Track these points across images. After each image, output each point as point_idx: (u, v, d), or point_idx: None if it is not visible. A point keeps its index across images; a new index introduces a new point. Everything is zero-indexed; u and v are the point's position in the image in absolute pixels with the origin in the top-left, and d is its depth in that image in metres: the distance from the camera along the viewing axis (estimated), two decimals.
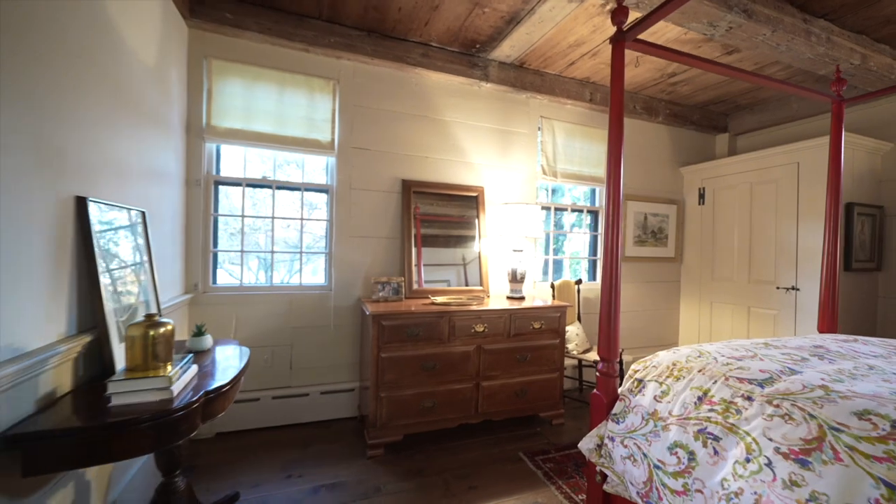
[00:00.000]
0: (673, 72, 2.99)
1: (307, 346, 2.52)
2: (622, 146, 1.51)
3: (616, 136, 1.50)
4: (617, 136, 1.50)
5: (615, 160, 1.51)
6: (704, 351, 1.45)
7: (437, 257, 2.78)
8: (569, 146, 3.30)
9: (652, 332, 3.73)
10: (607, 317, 1.48)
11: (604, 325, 1.49)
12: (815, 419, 0.97)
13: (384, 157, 2.69)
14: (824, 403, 1.01)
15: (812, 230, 2.86)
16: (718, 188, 3.55)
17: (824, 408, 0.99)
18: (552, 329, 2.56)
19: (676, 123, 3.72)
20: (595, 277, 3.56)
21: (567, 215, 3.45)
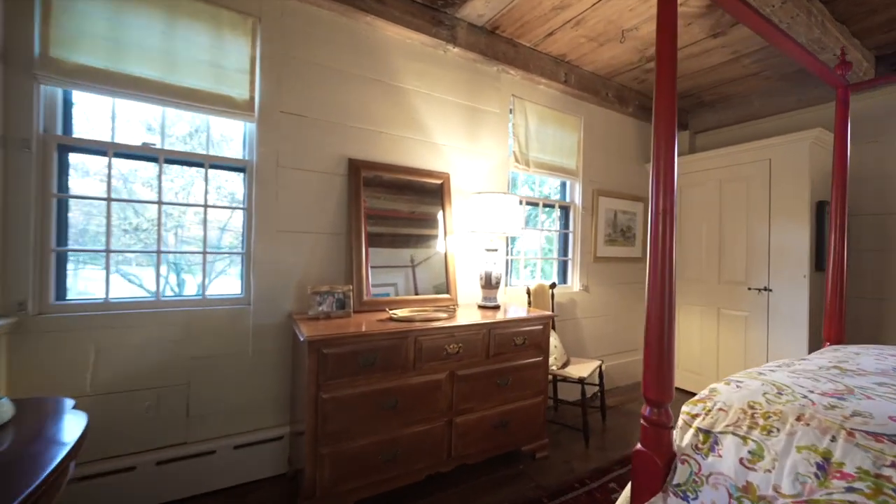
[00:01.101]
0: (652, 56, 2.73)
1: (213, 382, 1.81)
2: (674, 120, 1.10)
3: (666, 105, 1.08)
4: (668, 105, 1.08)
5: (666, 138, 1.09)
6: (780, 384, 1.07)
7: (394, 259, 2.21)
8: (542, 132, 2.92)
9: (622, 336, 3.50)
10: (659, 348, 1.04)
11: (653, 358, 1.06)
12: None
13: (325, 128, 2.06)
14: None
15: (784, 229, 2.77)
16: (686, 186, 3.41)
17: None
18: (536, 344, 2.12)
19: (644, 117, 3.53)
20: (566, 280, 3.22)
21: (533, 210, 3.07)
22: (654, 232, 1.07)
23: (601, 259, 3.30)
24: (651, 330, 1.06)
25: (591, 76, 3.03)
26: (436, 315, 1.92)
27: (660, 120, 1.09)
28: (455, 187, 2.47)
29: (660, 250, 1.05)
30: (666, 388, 1.04)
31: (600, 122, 3.30)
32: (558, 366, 2.53)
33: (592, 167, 3.24)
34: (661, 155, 1.07)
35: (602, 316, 3.33)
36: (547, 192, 3.29)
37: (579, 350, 3.17)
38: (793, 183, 2.74)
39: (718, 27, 2.38)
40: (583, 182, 3.18)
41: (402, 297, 2.17)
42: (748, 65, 2.84)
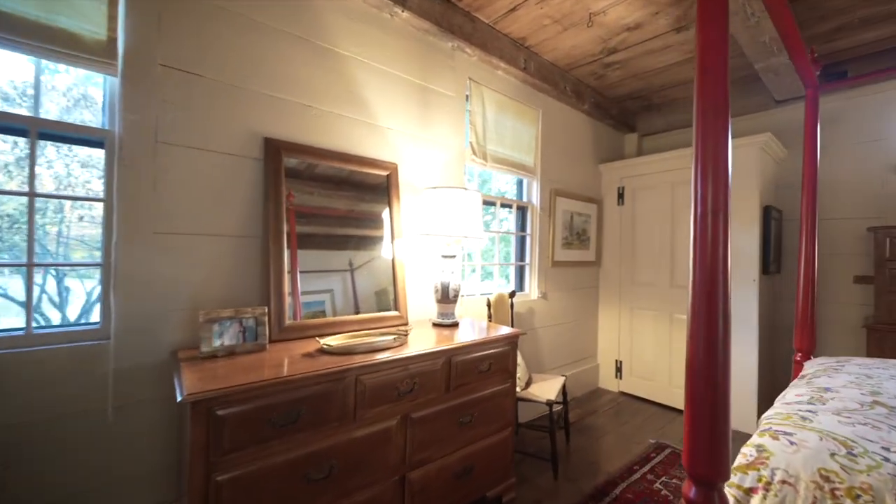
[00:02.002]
0: (615, 47, 2.56)
1: (47, 461, 1.20)
2: (726, 94, 0.81)
3: (717, 76, 0.79)
4: (719, 75, 0.79)
5: (716, 113, 0.80)
6: (843, 437, 0.83)
7: (329, 262, 1.74)
8: (500, 124, 2.61)
9: (578, 345, 3.34)
10: (711, 401, 0.75)
11: (702, 417, 0.76)
12: None
13: (231, 94, 1.53)
14: None
15: (734, 233, 2.77)
16: (638, 188, 3.34)
17: None
18: (503, 369, 1.79)
19: (597, 116, 3.41)
20: (523, 286, 2.97)
21: (486, 210, 2.77)
22: (701, 239, 0.77)
23: (559, 264, 3.09)
24: (698, 377, 0.76)
25: (551, 66, 2.80)
26: (383, 342, 1.49)
27: (707, 95, 0.80)
28: (404, 181, 2.06)
29: (709, 264, 0.75)
30: (721, 460, 0.74)
31: (558, 117, 3.09)
32: (522, 386, 2.23)
33: (550, 165, 3.02)
34: (710, 135, 0.78)
35: (559, 324, 3.13)
36: (503, 189, 3.01)
37: (538, 364, 2.93)
38: (742, 187, 2.75)
39: (684, 20, 2.25)
40: (541, 181, 2.94)
41: (339, 317, 1.70)
42: None
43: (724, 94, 0.77)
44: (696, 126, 0.80)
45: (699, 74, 0.81)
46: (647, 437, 2.58)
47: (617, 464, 2.23)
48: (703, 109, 0.79)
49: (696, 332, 0.76)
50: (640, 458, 2.29)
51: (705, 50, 0.80)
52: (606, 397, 3.31)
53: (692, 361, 0.77)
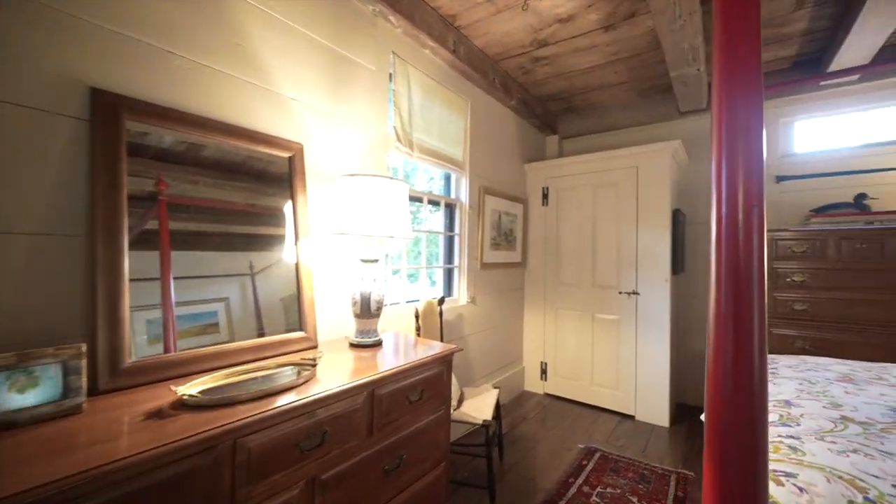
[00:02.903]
0: (545, 40, 2.46)
1: None
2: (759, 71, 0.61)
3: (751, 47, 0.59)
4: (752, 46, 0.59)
5: (747, 91, 0.59)
6: (848, 476, 0.71)
7: (217, 269, 1.27)
8: (427, 110, 2.33)
9: (503, 351, 3.22)
10: (750, 448, 0.54)
11: (734, 472, 0.55)
12: None
13: (35, 15, 0.99)
14: None
15: (650, 235, 2.88)
16: (562, 188, 3.35)
17: None
18: (437, 394, 1.51)
19: (524, 114, 3.34)
20: (452, 291, 2.73)
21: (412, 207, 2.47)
22: (730, 244, 0.56)
23: (488, 265, 2.92)
24: (730, 417, 0.55)
25: (481, 54, 2.61)
26: (280, 381, 1.10)
27: (738, 72, 0.59)
28: (314, 166, 1.65)
29: (744, 274, 0.55)
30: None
31: (486, 110, 2.92)
32: (455, 406, 1.98)
33: (479, 161, 2.84)
34: (741, 115, 0.57)
35: (488, 329, 2.97)
36: (428, 186, 2.73)
37: (468, 374, 2.72)
38: (656, 191, 2.87)
39: (613, 18, 2.22)
40: (470, 177, 2.73)
41: (219, 346, 1.24)
42: (620, 71, 2.87)
43: (757, 65, 0.57)
44: (719, 105, 0.59)
45: (724, 40, 0.60)
46: (576, 441, 2.53)
47: (553, 476, 2.11)
48: (731, 85, 0.58)
49: (724, 365, 0.55)
50: (573, 467, 2.20)
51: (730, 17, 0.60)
52: (533, 400, 3.25)
53: (717, 398, 0.56)
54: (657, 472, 2.17)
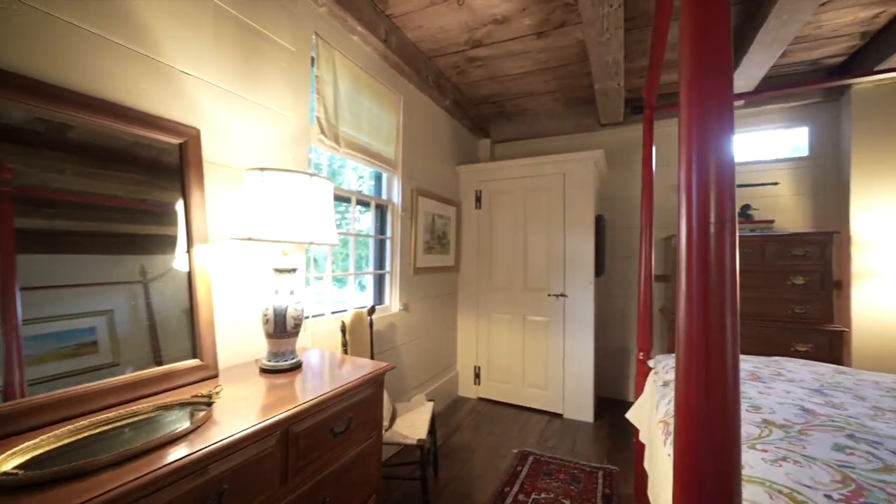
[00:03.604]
0: (480, 40, 2.41)
1: None
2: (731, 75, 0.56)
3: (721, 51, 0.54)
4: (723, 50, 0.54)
5: (721, 108, 0.54)
6: (786, 489, 0.71)
7: (96, 276, 0.96)
8: (356, 102, 2.13)
9: (436, 358, 3.12)
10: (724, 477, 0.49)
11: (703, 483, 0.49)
12: None
13: None
14: None
15: (576, 239, 3.00)
16: (495, 192, 3.36)
17: None
18: (367, 421, 1.34)
19: (457, 115, 3.29)
20: (383, 299, 2.55)
21: (338, 207, 2.26)
22: (702, 257, 0.50)
23: (421, 270, 2.80)
24: (699, 448, 0.49)
25: (414, 49, 2.48)
26: (159, 434, 0.85)
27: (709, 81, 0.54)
28: (214, 157, 1.37)
29: (716, 289, 0.49)
30: None
31: (420, 108, 2.80)
32: (386, 427, 1.82)
33: (412, 161, 2.70)
34: (713, 135, 0.52)
35: (421, 337, 2.84)
36: (356, 186, 2.53)
37: (400, 387, 2.57)
38: (581, 197, 3.00)
39: (546, 25, 2.24)
40: (402, 177, 2.59)
41: (75, 389, 0.94)
42: (549, 80, 2.94)
43: (729, 81, 0.52)
44: (686, 116, 0.53)
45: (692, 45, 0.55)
46: (510, 445, 2.52)
47: (489, 488, 2.05)
48: (701, 96, 0.52)
49: (696, 374, 0.49)
50: (508, 474, 2.17)
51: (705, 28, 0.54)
52: (467, 406, 3.20)
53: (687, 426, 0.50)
54: (586, 471, 2.23)
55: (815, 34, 2.31)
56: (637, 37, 2.37)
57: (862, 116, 2.60)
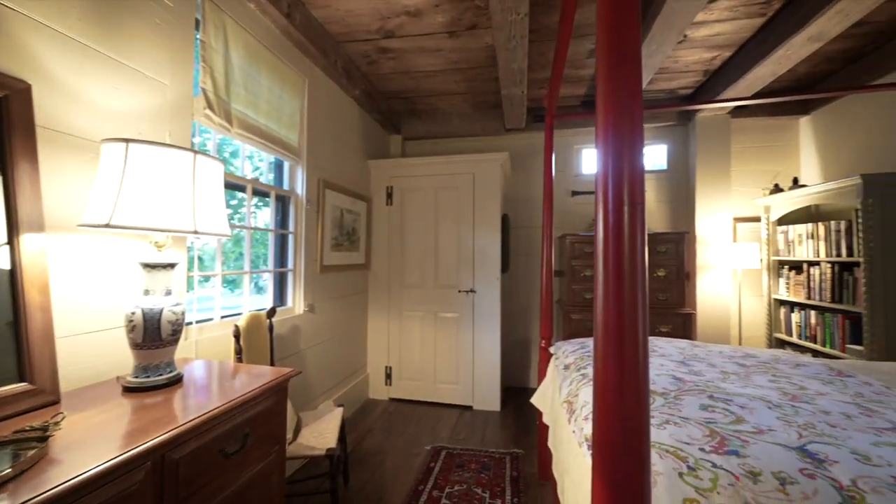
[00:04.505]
0: (392, 31, 2.35)
1: None
2: (639, 64, 0.60)
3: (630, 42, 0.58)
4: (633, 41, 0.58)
5: (630, 91, 0.58)
6: (671, 447, 0.81)
7: None
8: (253, 80, 1.89)
9: (345, 361, 2.96)
10: (636, 462, 0.53)
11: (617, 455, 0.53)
12: None
13: None
14: None
15: (484, 237, 3.13)
16: (406, 189, 3.32)
17: None
18: (267, 435, 1.18)
19: (367, 107, 3.17)
20: (284, 300, 2.32)
21: (231, 196, 2.00)
22: (616, 235, 0.53)
23: (329, 268, 2.62)
24: (612, 407, 0.52)
25: (321, 30, 2.30)
26: None
27: (619, 66, 0.57)
28: (54, 123, 1.07)
29: (628, 265, 0.53)
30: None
31: (328, 95, 2.62)
32: (290, 439, 1.64)
33: (319, 150, 2.52)
34: (626, 118, 0.56)
35: (329, 339, 2.66)
36: (255, 174, 2.26)
37: (306, 395, 2.36)
38: (489, 197, 3.14)
39: (458, 25, 2.28)
40: (307, 167, 2.39)
41: None
42: (460, 81, 3.02)
43: (637, 73, 0.56)
44: (603, 105, 0.56)
45: (605, 52, 0.57)
46: (423, 443, 2.51)
47: (402, 488, 2.00)
48: (616, 88, 0.56)
49: (610, 354, 0.52)
50: (421, 472, 2.15)
51: (613, 30, 0.57)
52: (378, 408, 3.10)
53: (604, 415, 0.52)
54: (495, 458, 2.33)
55: (673, 67, 2.77)
56: (540, 49, 2.56)
57: (703, 139, 3.22)
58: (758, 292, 3.21)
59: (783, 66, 2.37)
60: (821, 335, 2.55)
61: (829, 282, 2.46)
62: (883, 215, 2.12)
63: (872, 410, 1.02)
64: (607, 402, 0.53)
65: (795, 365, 1.43)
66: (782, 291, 2.93)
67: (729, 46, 2.48)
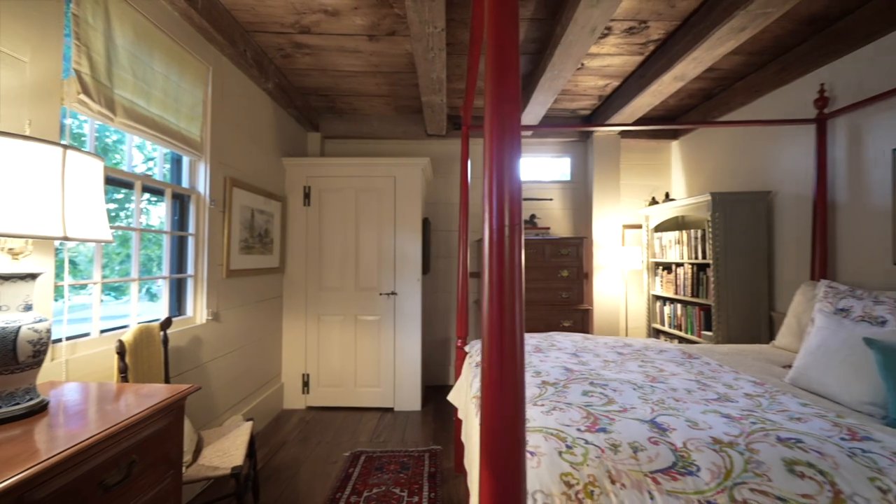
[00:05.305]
0: (308, 27, 2.28)
1: None
2: (518, 94, 0.69)
3: (510, 76, 0.67)
4: (511, 77, 0.67)
5: (510, 120, 0.67)
6: (555, 430, 0.94)
7: None
8: (143, 64, 1.69)
9: (257, 371, 2.78)
10: (512, 425, 0.62)
11: (502, 450, 0.62)
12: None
13: None
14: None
15: (405, 239, 3.18)
16: (325, 189, 3.22)
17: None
18: (160, 459, 1.09)
19: (282, 102, 3.01)
20: (183, 309, 2.11)
21: (113, 193, 1.77)
22: (499, 253, 0.62)
23: (237, 273, 2.44)
24: (495, 403, 0.60)
25: (229, 16, 2.14)
26: None
27: (500, 92, 0.66)
28: None
29: (508, 278, 0.62)
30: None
31: (236, 87, 2.43)
32: (189, 461, 1.51)
33: (226, 146, 2.33)
34: (505, 143, 0.64)
35: (237, 350, 2.48)
36: (146, 167, 2.01)
37: (209, 411, 2.17)
38: (410, 200, 3.19)
39: (377, 30, 2.29)
40: (211, 163, 2.20)
41: None
42: (381, 84, 3.02)
43: (517, 111, 0.65)
44: (489, 140, 0.64)
45: (492, 89, 0.66)
46: (342, 449, 2.47)
47: (319, 498, 1.96)
48: (500, 124, 0.64)
49: (494, 352, 0.61)
50: (339, 479, 2.12)
51: (497, 75, 0.65)
52: (294, 419, 2.96)
53: (490, 422, 0.60)
54: (414, 456, 2.38)
55: (574, 90, 3.11)
56: (456, 61, 2.68)
57: (598, 155, 3.65)
58: (641, 289, 3.74)
59: (657, 98, 2.81)
60: (685, 324, 3.08)
61: (690, 280, 2.98)
62: (725, 226, 2.63)
63: (707, 385, 1.28)
64: (490, 394, 0.61)
65: (659, 351, 1.73)
66: (658, 288, 3.46)
67: (617, 77, 2.87)
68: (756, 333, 2.61)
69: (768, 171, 2.72)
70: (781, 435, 0.93)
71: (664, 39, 2.36)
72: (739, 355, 1.87)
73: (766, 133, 2.75)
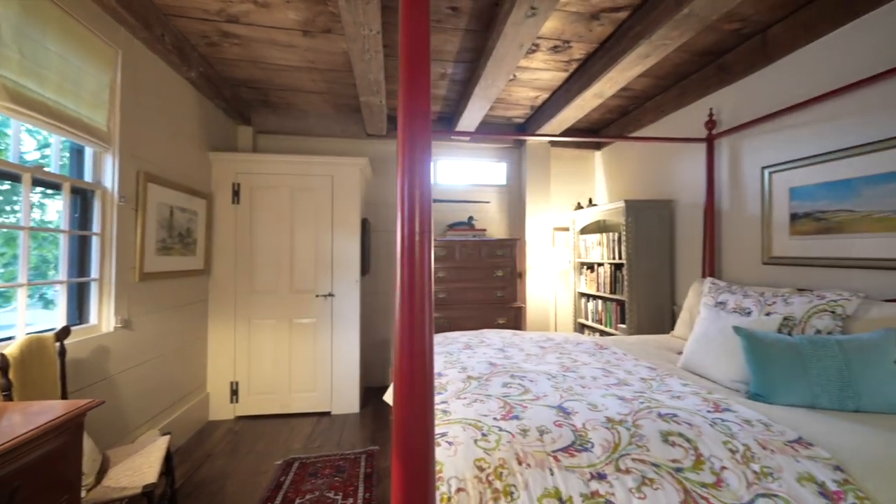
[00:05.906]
0: (236, 16, 2.16)
1: None
2: (428, 112, 0.74)
3: (420, 90, 0.72)
4: (422, 90, 0.72)
5: (421, 135, 0.73)
6: (473, 420, 1.01)
7: None
8: (35, 43, 1.50)
9: (177, 381, 2.59)
10: (421, 424, 0.68)
11: (414, 445, 0.67)
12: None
13: None
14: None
15: (343, 240, 3.13)
16: (257, 187, 3.07)
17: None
18: (54, 484, 1.00)
19: (208, 92, 2.81)
20: (85, 316, 1.90)
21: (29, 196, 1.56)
22: (409, 258, 0.67)
23: (152, 276, 2.25)
24: (407, 399, 0.66)
25: None
26: None
27: (412, 108, 0.71)
28: None
29: (418, 282, 0.67)
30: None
31: (151, 72, 2.24)
32: (92, 483, 1.38)
33: (139, 137, 2.14)
34: (416, 154, 0.70)
35: (152, 359, 2.28)
36: (33, 156, 1.79)
37: (119, 427, 1.98)
38: (348, 200, 3.16)
39: (312, 26, 2.24)
40: (121, 156, 2.01)
41: None
42: (317, 81, 2.95)
43: (427, 126, 0.70)
44: (401, 152, 0.69)
45: (404, 105, 0.70)
46: (273, 458, 2.38)
47: None
48: (411, 138, 0.69)
49: (405, 347, 0.66)
50: (269, 489, 2.05)
51: (409, 90, 0.70)
52: (221, 430, 2.79)
53: (403, 427, 0.65)
54: (350, 459, 2.37)
55: (508, 99, 3.28)
56: (394, 63, 2.70)
57: (531, 161, 3.88)
58: (568, 287, 4.04)
59: (581, 112, 3.06)
60: (605, 318, 3.39)
61: (609, 278, 3.29)
62: (637, 230, 2.95)
63: (611, 372, 1.45)
64: (402, 388, 0.66)
65: (576, 343, 1.90)
66: (583, 286, 3.76)
67: (547, 90, 3.08)
68: (661, 325, 2.96)
69: (671, 181, 3.10)
70: (662, 411, 1.10)
71: (585, 59, 2.58)
72: (643, 345, 2.12)
73: (669, 148, 3.12)
